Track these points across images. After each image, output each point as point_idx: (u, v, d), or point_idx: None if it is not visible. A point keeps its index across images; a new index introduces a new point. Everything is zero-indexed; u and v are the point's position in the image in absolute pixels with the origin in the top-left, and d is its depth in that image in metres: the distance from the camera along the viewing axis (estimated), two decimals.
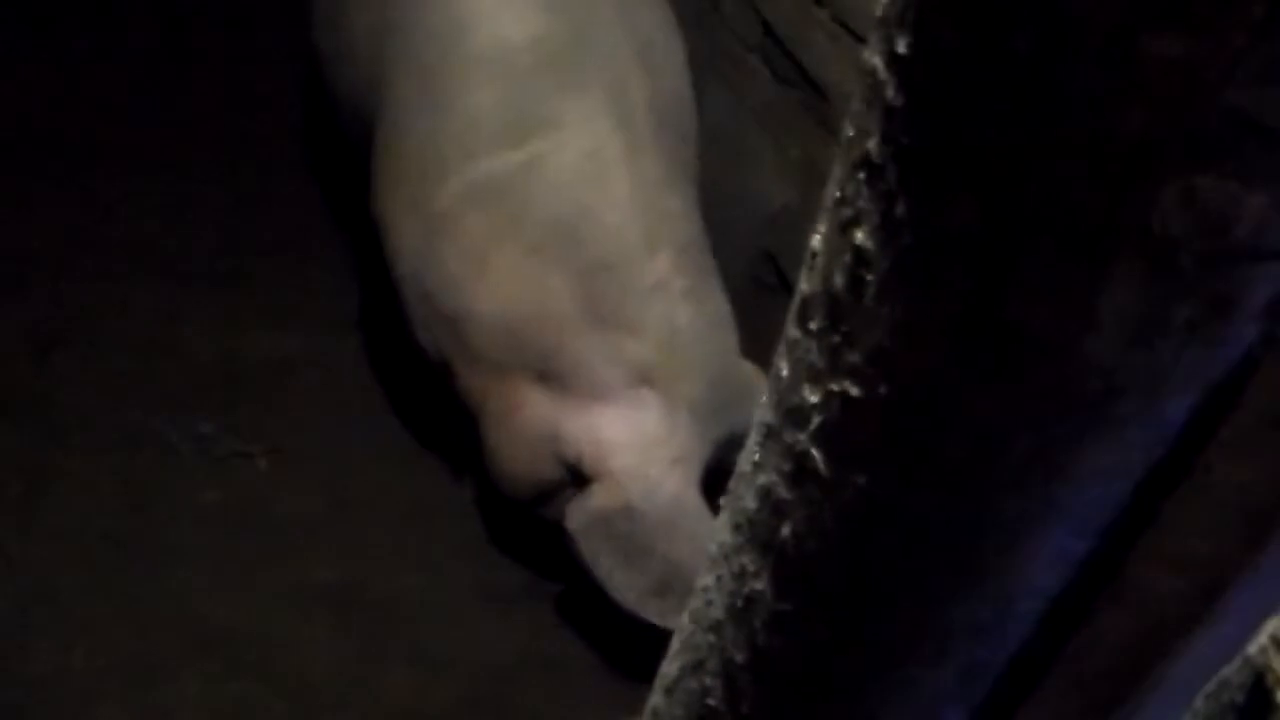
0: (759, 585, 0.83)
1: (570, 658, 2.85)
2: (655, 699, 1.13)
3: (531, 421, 2.60)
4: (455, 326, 2.61)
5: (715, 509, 0.96)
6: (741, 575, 0.85)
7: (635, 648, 2.51)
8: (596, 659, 2.83)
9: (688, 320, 2.53)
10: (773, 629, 0.84)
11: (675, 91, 2.72)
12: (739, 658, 0.88)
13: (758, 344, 2.59)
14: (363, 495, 3.08)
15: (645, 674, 1.40)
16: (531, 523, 2.80)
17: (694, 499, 2.54)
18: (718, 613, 0.91)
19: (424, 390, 3.01)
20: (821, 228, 0.79)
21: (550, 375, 2.55)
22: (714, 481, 2.49)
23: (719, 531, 0.93)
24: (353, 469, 3.12)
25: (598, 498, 2.52)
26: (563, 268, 2.50)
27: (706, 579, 0.94)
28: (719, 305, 2.62)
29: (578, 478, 2.59)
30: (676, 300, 2.52)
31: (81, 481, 3.00)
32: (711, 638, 0.93)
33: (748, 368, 2.62)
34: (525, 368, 2.57)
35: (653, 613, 2.53)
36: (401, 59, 2.67)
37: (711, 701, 0.95)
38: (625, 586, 2.55)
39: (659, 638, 2.49)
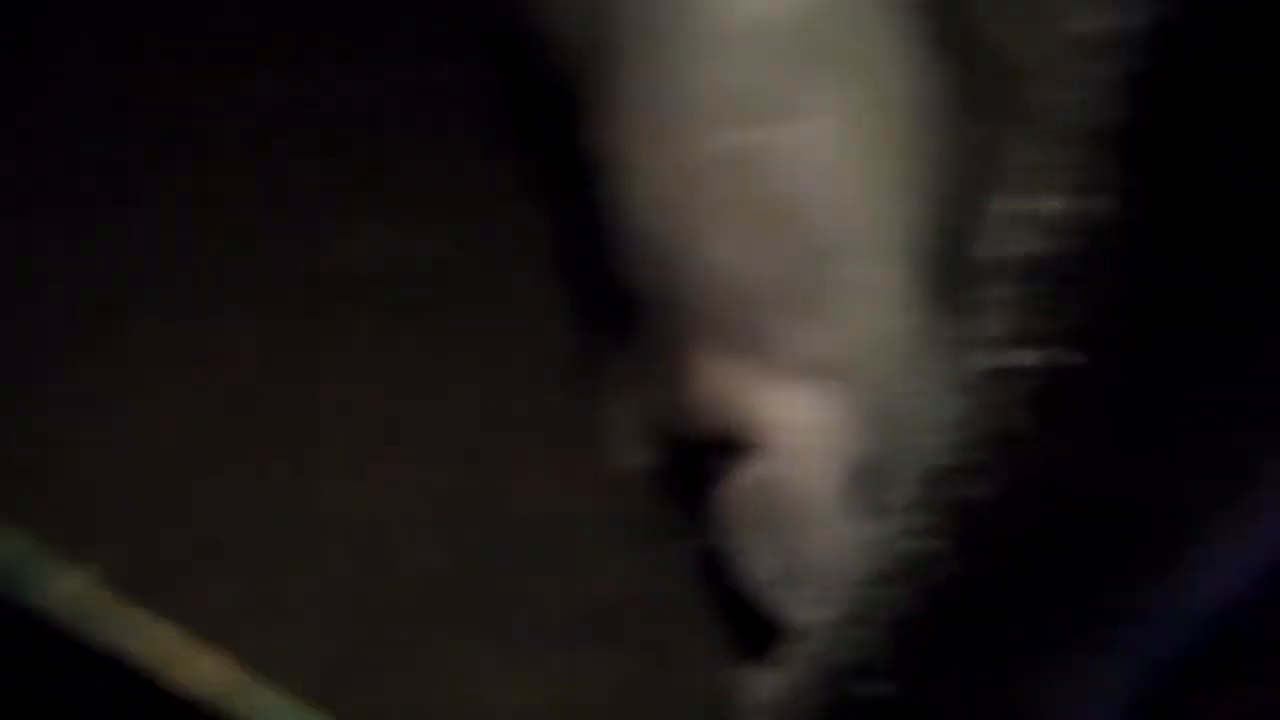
0: (938, 544, 0.82)
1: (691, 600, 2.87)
2: (798, 646, 1.13)
3: (713, 374, 2.63)
4: (676, 273, 2.64)
5: None
6: (922, 532, 0.84)
7: (745, 615, 2.54)
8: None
9: (888, 329, 2.51)
10: (945, 590, 0.83)
11: (925, 96, 2.70)
12: (901, 614, 0.88)
13: None
14: (520, 410, 3.10)
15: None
16: (683, 469, 2.81)
17: (843, 501, 2.49)
18: (887, 566, 0.90)
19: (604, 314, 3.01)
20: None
21: (745, 341, 2.57)
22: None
23: (902, 485, 0.92)
24: (513, 381, 3.14)
25: (760, 467, 2.50)
26: (782, 247, 2.50)
27: (878, 530, 0.93)
28: (923, 321, 2.56)
29: (733, 444, 2.61)
30: (883, 306, 2.50)
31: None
32: (876, 591, 0.92)
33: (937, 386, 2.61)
34: (726, 326, 2.60)
35: (772, 598, 2.51)
36: (654, 10, 2.69)
37: (859, 656, 0.94)
38: (755, 563, 2.54)
39: (768, 619, 2.53)
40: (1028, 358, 0.74)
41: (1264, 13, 0.62)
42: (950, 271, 2.89)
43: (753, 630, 2.83)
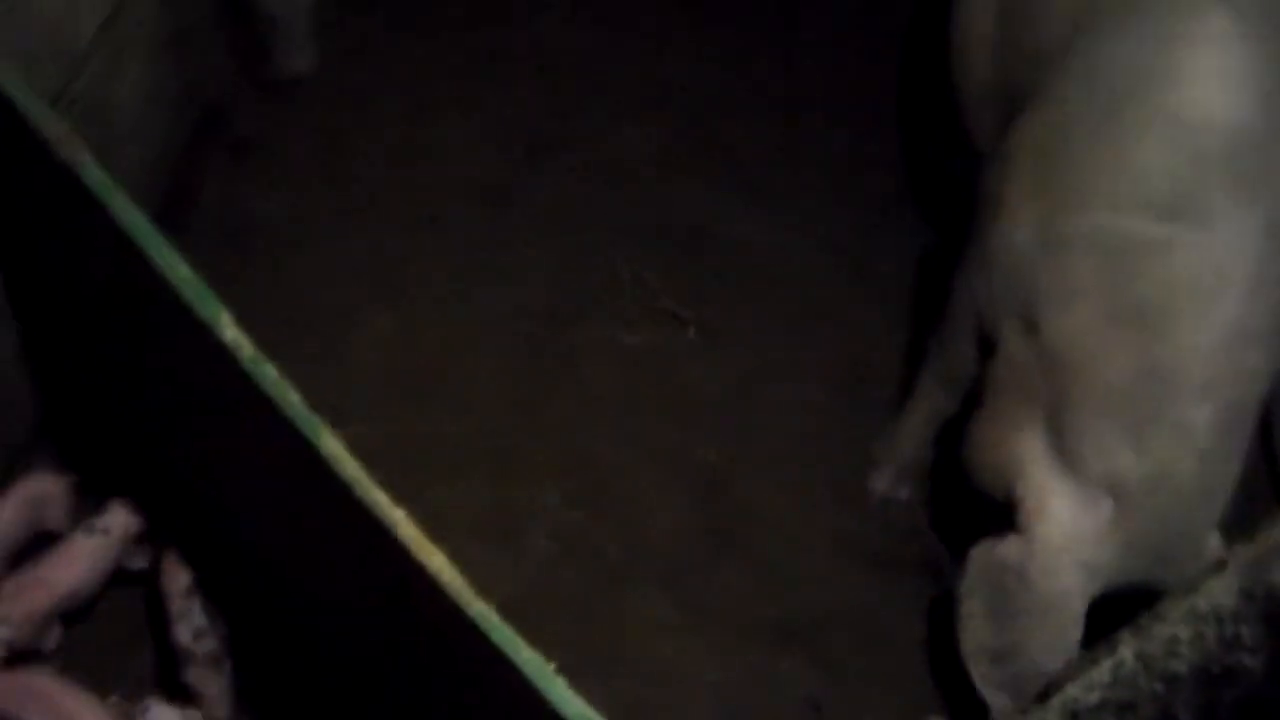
0: (1250, 661, 0.79)
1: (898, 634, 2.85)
2: (1045, 715, 1.10)
3: (1011, 430, 2.61)
4: (1020, 321, 2.61)
5: None
6: (1233, 644, 0.82)
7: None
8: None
9: (1187, 473, 2.47)
10: (1242, 708, 0.80)
11: None
12: (1185, 718, 0.85)
13: None
14: (774, 397, 3.12)
15: None
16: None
17: (1079, 612, 2.52)
18: (1181, 667, 0.88)
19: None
20: None
21: (1055, 422, 2.54)
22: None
23: (1215, 592, 0.89)
24: (774, 364, 3.17)
25: (1010, 547, 2.54)
26: (1122, 350, 2.47)
27: (1180, 630, 0.91)
28: (1225, 475, 2.53)
29: (1005, 514, 2.60)
30: (1190, 450, 2.45)
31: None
32: (1160, 687, 0.90)
33: (1209, 544, 2.55)
34: (1043, 399, 2.56)
35: (977, 673, 2.58)
36: (1086, 71, 2.63)
37: None
38: (973, 634, 2.60)
39: (968, 691, 2.58)
40: None
41: None
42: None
43: (954, 687, 2.84)
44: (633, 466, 2.96)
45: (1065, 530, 2.49)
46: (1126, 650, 1.03)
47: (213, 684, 2.40)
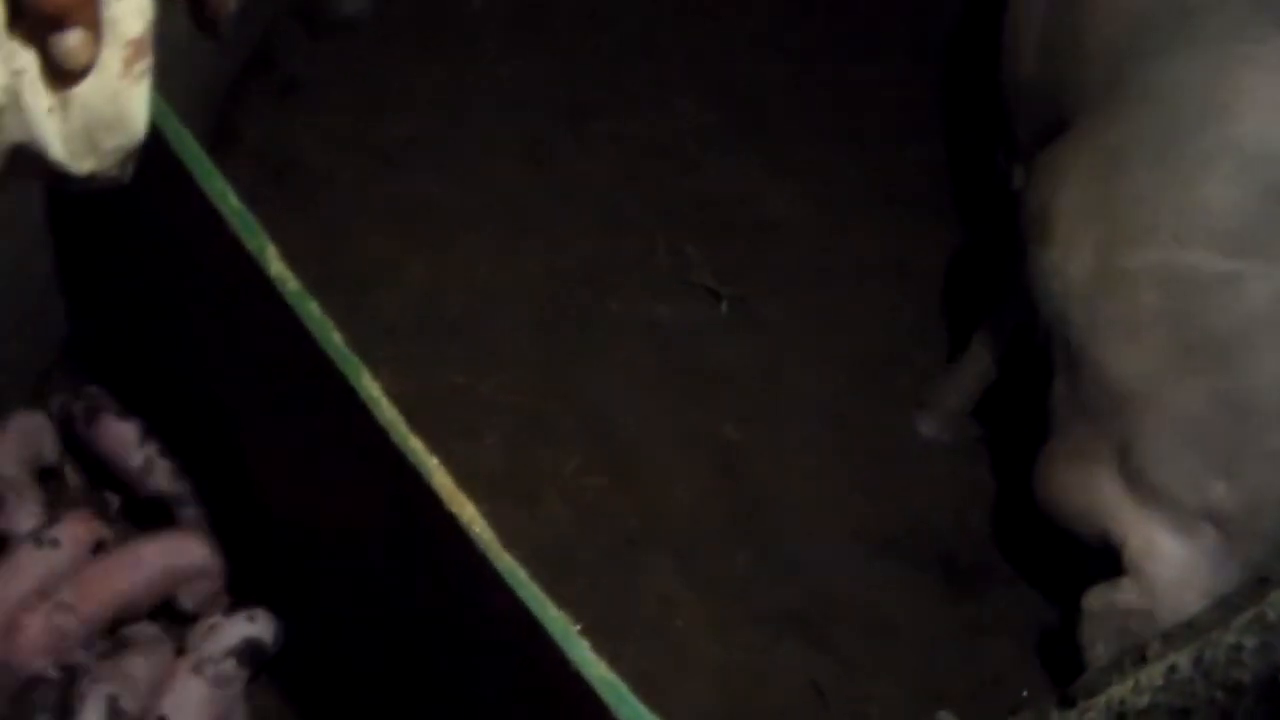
0: None
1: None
2: (1095, 718, 1.09)
3: (1088, 471, 2.59)
4: (1071, 352, 2.59)
5: None
6: None
7: None
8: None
9: None
10: None
11: None
12: None
13: None
14: (802, 382, 3.11)
15: None
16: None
17: None
18: (1244, 676, 0.87)
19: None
20: None
21: (1133, 459, 2.52)
22: None
23: None
24: (804, 348, 3.16)
25: (1127, 592, 2.54)
26: (1199, 384, 2.46)
27: (1245, 638, 0.89)
28: None
29: (1104, 557, 2.59)
30: (1277, 474, 2.44)
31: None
32: (1220, 694, 0.88)
33: None
34: (1113, 432, 2.54)
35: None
36: (1144, 93, 2.59)
37: None
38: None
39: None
40: None
41: None
42: None
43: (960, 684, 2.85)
44: (654, 438, 2.95)
45: (1181, 564, 2.50)
46: (1181, 656, 1.02)
47: (179, 486, 2.40)
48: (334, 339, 1.83)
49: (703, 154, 3.43)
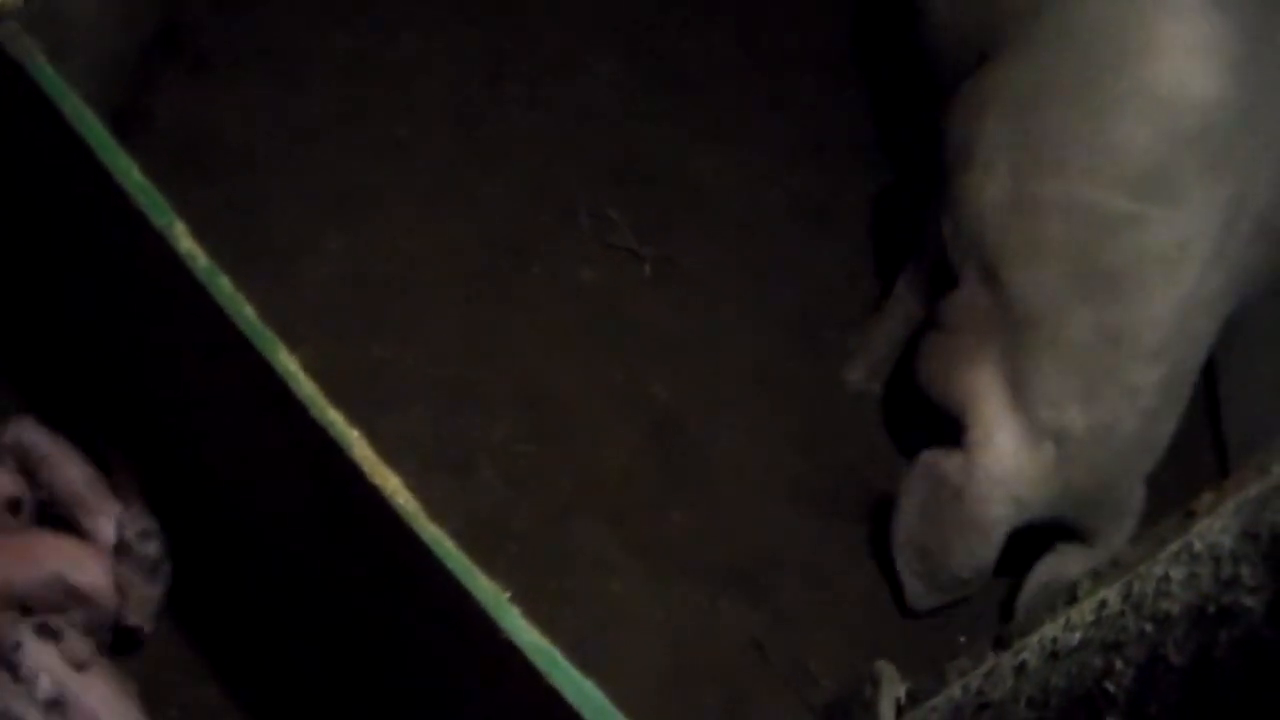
0: (1249, 601, 0.78)
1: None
2: (1029, 658, 1.09)
3: (967, 363, 2.70)
4: (983, 269, 2.69)
5: None
6: (1231, 584, 0.80)
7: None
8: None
9: (1130, 430, 2.61)
10: (1239, 648, 0.79)
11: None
12: (1176, 659, 0.84)
13: None
14: (730, 338, 3.10)
15: None
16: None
17: (1001, 537, 2.69)
18: (1173, 607, 0.86)
19: None
20: None
21: (1010, 368, 2.64)
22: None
23: (1212, 532, 0.87)
24: (731, 304, 3.15)
25: (953, 464, 2.68)
26: (1085, 312, 2.56)
27: (1172, 569, 0.89)
28: (1164, 433, 2.67)
29: (946, 428, 2.72)
30: (1135, 409, 2.58)
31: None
32: (1149, 627, 0.88)
33: (1137, 495, 2.73)
34: (999, 341, 2.66)
35: (901, 560, 2.79)
36: (1062, 30, 2.64)
37: (1109, 686, 0.90)
38: (905, 527, 2.77)
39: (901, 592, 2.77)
40: None
41: None
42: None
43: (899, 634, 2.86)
44: (585, 402, 2.93)
45: (1006, 465, 2.63)
46: (1110, 591, 1.01)
47: (144, 587, 2.34)
48: (247, 314, 1.80)
49: (623, 116, 3.40)
